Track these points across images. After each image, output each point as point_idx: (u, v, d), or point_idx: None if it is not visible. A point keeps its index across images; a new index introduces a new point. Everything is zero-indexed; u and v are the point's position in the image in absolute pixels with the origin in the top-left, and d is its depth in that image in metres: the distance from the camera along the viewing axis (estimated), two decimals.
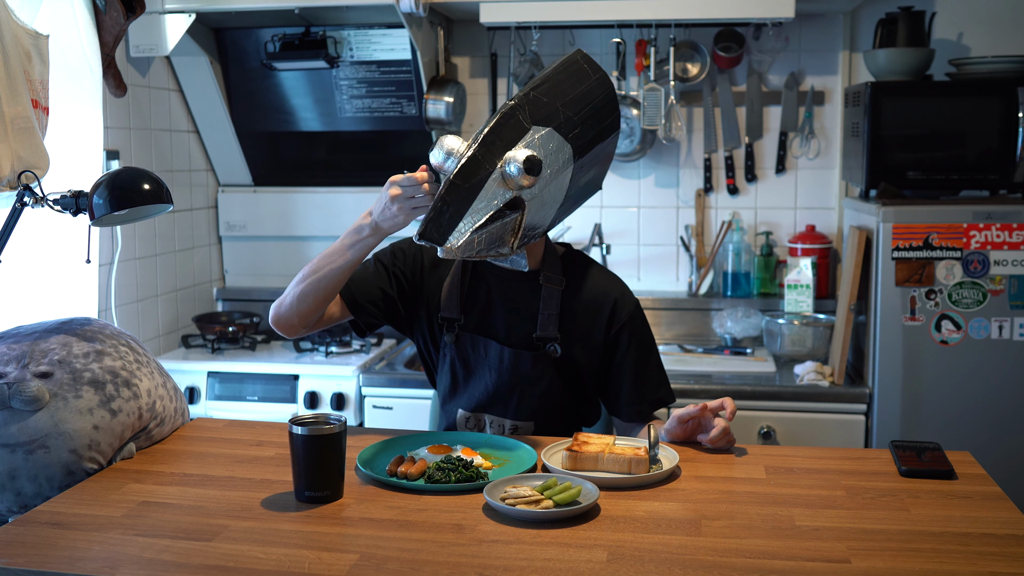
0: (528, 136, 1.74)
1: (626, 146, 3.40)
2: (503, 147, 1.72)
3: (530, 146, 1.74)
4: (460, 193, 1.68)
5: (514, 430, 2.03)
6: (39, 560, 1.37)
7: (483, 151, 1.70)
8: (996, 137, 2.80)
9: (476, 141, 1.70)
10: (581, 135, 1.83)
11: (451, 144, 1.75)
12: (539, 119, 1.76)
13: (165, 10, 3.03)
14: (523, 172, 1.70)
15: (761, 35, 3.28)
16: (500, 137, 1.72)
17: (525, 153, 1.70)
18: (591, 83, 1.87)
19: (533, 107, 1.76)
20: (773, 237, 3.40)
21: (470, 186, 1.68)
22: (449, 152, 1.75)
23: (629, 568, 1.33)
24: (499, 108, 1.76)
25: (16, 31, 2.05)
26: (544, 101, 1.78)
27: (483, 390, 2.03)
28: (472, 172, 1.68)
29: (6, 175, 1.94)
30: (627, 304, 2.04)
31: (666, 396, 2.07)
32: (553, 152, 1.78)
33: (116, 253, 2.97)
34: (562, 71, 1.84)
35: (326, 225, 3.58)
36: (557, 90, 1.81)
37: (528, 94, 1.76)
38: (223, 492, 1.63)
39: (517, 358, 2.00)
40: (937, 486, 1.65)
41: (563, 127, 1.79)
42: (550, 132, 1.77)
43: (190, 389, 3.11)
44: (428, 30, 3.24)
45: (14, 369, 1.73)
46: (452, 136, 1.76)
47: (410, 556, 1.36)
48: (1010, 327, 2.72)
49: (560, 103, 1.80)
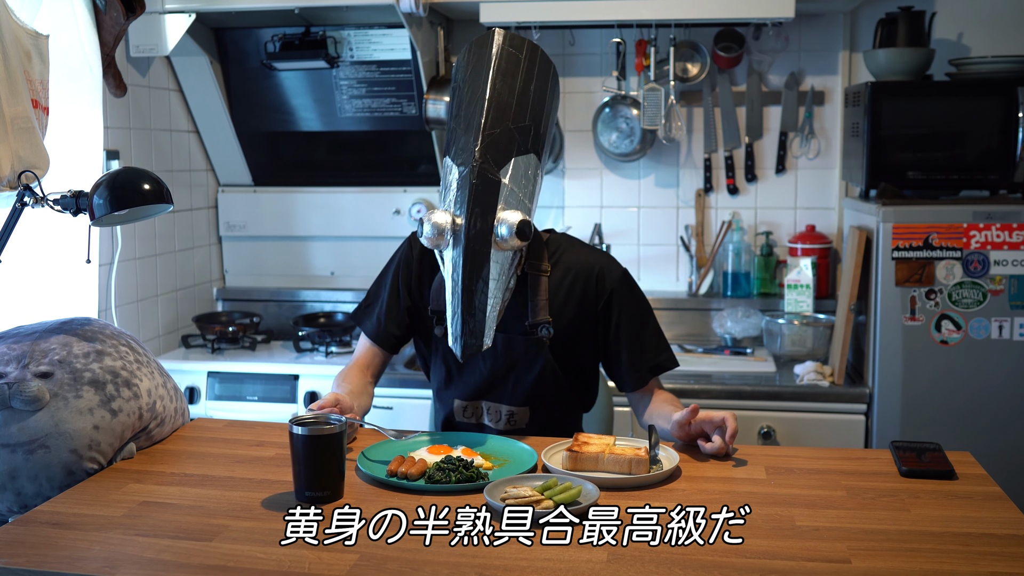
0: (502, 188, 1.82)
1: (626, 146, 3.40)
2: (491, 213, 1.80)
3: (506, 199, 1.81)
4: (477, 295, 1.78)
5: (510, 416, 2.04)
6: (39, 560, 1.37)
7: (478, 237, 1.79)
8: (996, 137, 2.80)
9: (467, 226, 1.78)
10: (536, 131, 1.91)
11: (439, 220, 1.80)
12: (501, 158, 1.83)
13: (165, 10, 3.03)
14: (515, 238, 1.79)
15: (761, 35, 3.28)
16: (483, 207, 1.79)
17: (516, 219, 1.79)
18: (524, 64, 1.92)
19: (494, 153, 1.83)
20: (773, 237, 3.40)
21: (483, 279, 1.79)
22: (440, 230, 1.80)
23: (629, 568, 1.33)
24: (466, 159, 1.82)
25: (16, 31, 2.05)
26: (496, 134, 1.84)
27: (478, 377, 2.05)
28: (478, 266, 1.79)
29: (6, 175, 1.94)
30: (613, 272, 2.05)
31: (666, 362, 2.06)
32: (523, 173, 1.86)
33: (116, 253, 2.97)
34: (498, 72, 1.88)
35: (326, 225, 3.58)
36: (501, 109, 1.86)
37: (484, 137, 1.82)
38: (223, 492, 1.63)
39: (510, 343, 2.01)
40: (937, 486, 1.65)
41: (520, 145, 1.86)
42: (515, 162, 1.85)
43: (190, 389, 3.11)
44: (428, 30, 3.24)
45: (14, 369, 1.73)
46: (437, 212, 1.81)
47: (410, 556, 1.36)
48: (1010, 327, 2.72)
49: (509, 121, 1.86)
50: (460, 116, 1.89)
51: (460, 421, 2.10)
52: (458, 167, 1.84)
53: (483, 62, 1.91)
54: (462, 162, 1.83)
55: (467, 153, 1.82)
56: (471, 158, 1.81)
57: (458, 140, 1.87)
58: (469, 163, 1.81)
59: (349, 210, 3.56)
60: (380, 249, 3.49)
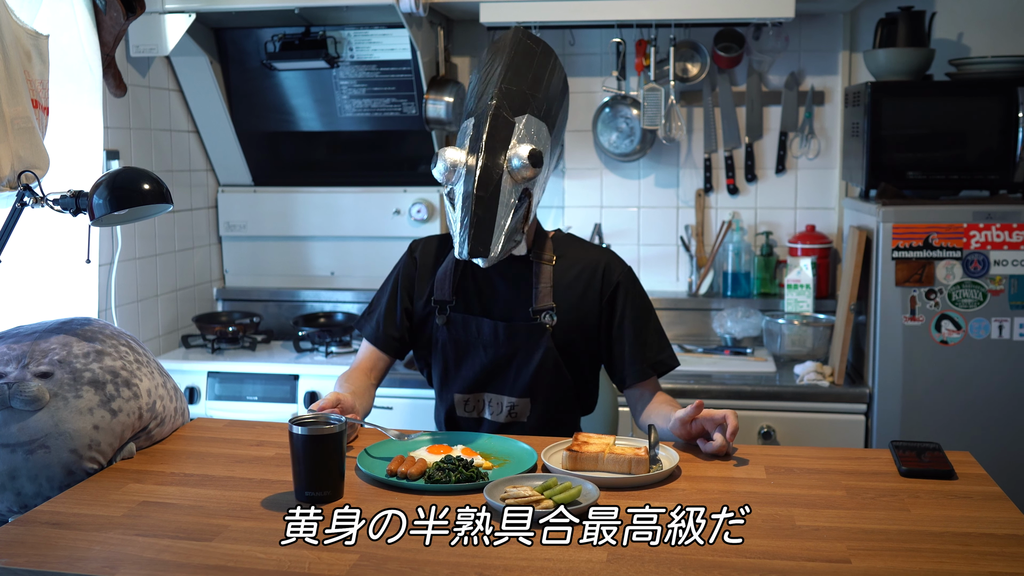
0: (516, 129, 1.86)
1: (626, 146, 3.40)
2: (502, 147, 1.83)
3: (519, 138, 1.85)
4: (486, 203, 1.79)
5: (512, 407, 2.05)
6: (39, 560, 1.37)
7: (490, 157, 1.81)
8: (996, 137, 2.80)
9: (479, 149, 1.82)
10: (549, 110, 1.95)
11: (452, 156, 1.85)
12: (516, 109, 1.89)
13: (165, 10, 3.03)
14: (527, 165, 1.82)
15: (761, 35, 3.28)
16: (496, 139, 1.83)
17: (527, 148, 1.83)
18: (538, 57, 1.98)
19: (510, 100, 1.88)
20: (773, 237, 3.40)
21: (491, 194, 1.80)
22: (453, 164, 1.84)
23: (629, 568, 1.33)
24: (481, 109, 1.87)
25: (16, 31, 2.05)
26: (514, 90, 1.90)
27: (479, 368, 2.07)
28: (488, 180, 1.81)
29: (6, 175, 1.94)
30: (618, 267, 2.10)
31: (668, 359, 2.09)
32: (536, 134, 1.89)
33: (116, 253, 2.97)
34: (515, 55, 1.95)
35: (326, 225, 3.58)
36: (519, 75, 1.93)
37: (502, 88, 1.88)
38: (223, 492, 1.63)
39: (511, 330, 2.04)
40: (937, 486, 1.65)
41: (535, 109, 1.91)
42: (529, 118, 1.89)
43: (190, 389, 3.11)
44: (428, 30, 3.24)
45: (14, 369, 1.73)
46: (450, 149, 1.86)
47: (410, 556, 1.36)
48: (1010, 327, 2.72)
49: (526, 87, 1.92)
50: (478, 87, 1.94)
51: (461, 415, 2.10)
52: (475, 116, 1.88)
53: (501, 49, 1.97)
54: (479, 111, 1.87)
55: (483, 102, 1.87)
56: (487, 104, 1.85)
57: (472, 102, 1.93)
58: (486, 106, 1.85)
59: (349, 210, 3.55)
60: (380, 249, 3.49)
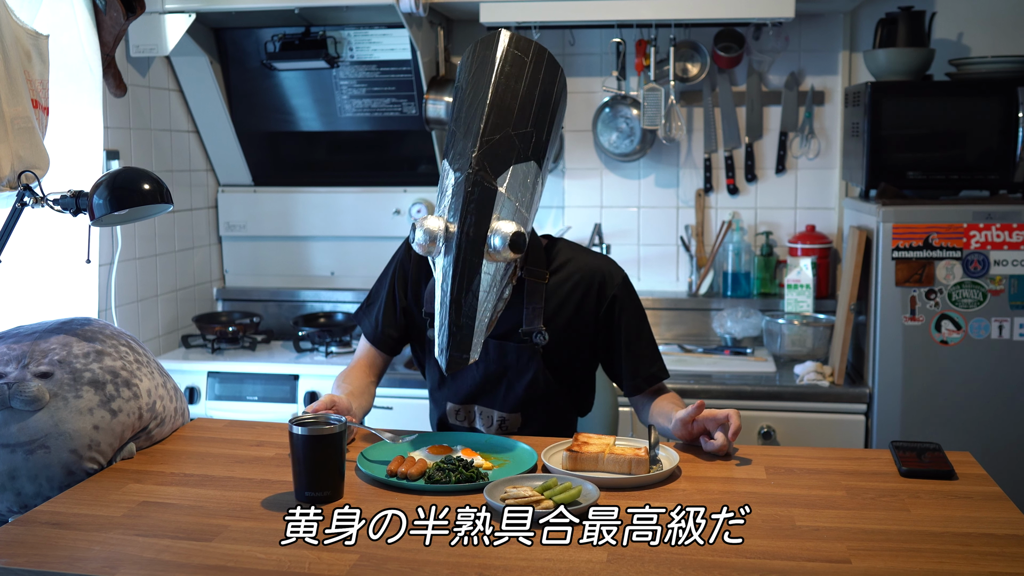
0: (498, 198, 1.75)
1: (626, 146, 3.40)
2: (484, 223, 1.74)
3: (502, 209, 1.75)
4: (465, 308, 1.73)
5: (502, 421, 2.04)
6: (39, 560, 1.37)
7: (470, 247, 1.72)
8: (996, 137, 2.80)
9: (459, 235, 1.72)
10: (538, 137, 1.83)
11: (432, 226, 1.74)
12: (499, 166, 1.76)
13: (165, 10, 3.03)
14: (508, 250, 1.73)
15: (761, 35, 3.28)
16: (477, 216, 1.73)
17: (510, 230, 1.72)
18: (529, 68, 1.85)
19: (491, 160, 1.76)
20: (773, 237, 3.40)
21: (471, 294, 1.73)
22: (433, 236, 1.74)
23: (629, 568, 1.33)
24: (458, 179, 1.76)
25: (16, 31, 2.05)
26: (495, 140, 1.77)
27: (471, 382, 2.05)
28: (468, 277, 1.73)
29: (6, 175, 1.94)
30: (615, 278, 2.05)
31: (659, 372, 2.08)
32: (522, 182, 1.79)
33: (116, 253, 2.97)
34: (500, 78, 1.81)
35: (326, 225, 3.58)
36: (502, 114, 1.79)
37: (482, 150, 1.75)
38: (223, 492, 1.63)
39: (502, 349, 2.01)
40: (937, 486, 1.65)
41: (520, 152, 1.79)
42: (513, 171, 1.78)
43: (190, 389, 3.11)
44: (428, 30, 3.24)
45: (14, 369, 1.73)
46: (430, 218, 1.75)
47: (410, 556, 1.36)
48: (1010, 327, 2.72)
49: (510, 127, 1.79)
50: (460, 119, 1.83)
51: (453, 423, 2.10)
52: (454, 172, 1.78)
53: (487, 64, 1.84)
54: (459, 168, 1.77)
55: (464, 159, 1.76)
56: (468, 164, 1.74)
57: (456, 144, 1.81)
58: (465, 170, 1.74)
59: (349, 210, 3.55)
60: (380, 249, 3.49)
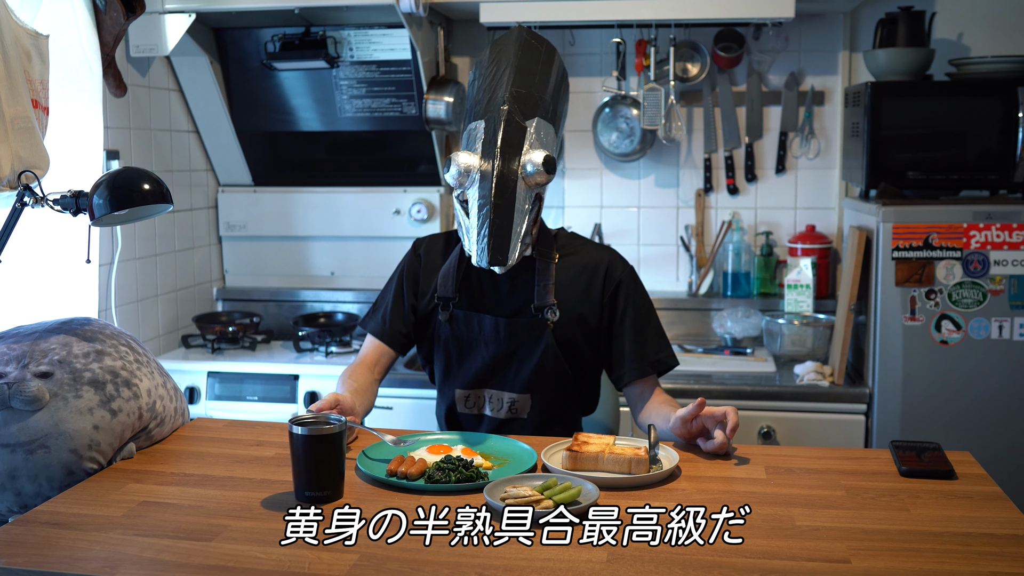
0: (527, 133, 1.89)
1: (626, 146, 3.40)
2: (516, 152, 1.87)
3: (532, 143, 1.89)
4: (504, 211, 1.84)
5: (512, 403, 2.06)
6: (39, 560, 1.37)
7: (505, 163, 1.86)
8: (996, 137, 2.80)
9: (494, 155, 1.85)
10: (554, 111, 2.00)
11: (465, 161, 1.87)
12: (527, 113, 1.92)
13: (165, 10, 3.03)
14: (541, 171, 1.86)
15: (761, 35, 3.28)
16: (510, 144, 1.88)
17: (541, 154, 1.87)
18: (543, 56, 2.02)
19: (520, 103, 1.92)
20: (773, 237, 3.40)
21: (507, 201, 1.84)
22: (467, 169, 1.87)
23: (629, 568, 1.33)
24: (492, 112, 1.90)
25: (16, 31, 2.05)
26: (524, 93, 1.93)
27: (480, 364, 2.09)
28: (505, 186, 1.85)
29: (6, 175, 1.94)
30: (620, 265, 2.13)
31: (668, 359, 2.10)
32: (546, 136, 1.93)
33: (116, 253, 2.97)
34: (522, 55, 1.98)
35: (326, 225, 3.58)
36: (527, 77, 1.96)
37: (512, 92, 1.92)
38: (223, 492, 1.63)
39: (513, 327, 2.06)
40: (937, 486, 1.65)
41: (543, 111, 1.95)
42: (539, 121, 1.92)
43: (190, 389, 3.11)
44: (428, 30, 3.24)
45: (14, 369, 1.73)
46: (463, 153, 1.88)
47: (410, 556, 1.36)
48: (1010, 327, 2.72)
49: (533, 88, 1.95)
50: (484, 88, 1.97)
51: (462, 412, 2.11)
52: (483, 120, 1.91)
53: (506, 49, 2.00)
54: (488, 113, 1.91)
55: (494, 105, 1.90)
56: (499, 108, 1.89)
57: (481, 104, 1.95)
58: (497, 110, 1.89)
59: (349, 210, 3.55)
60: (380, 249, 3.49)
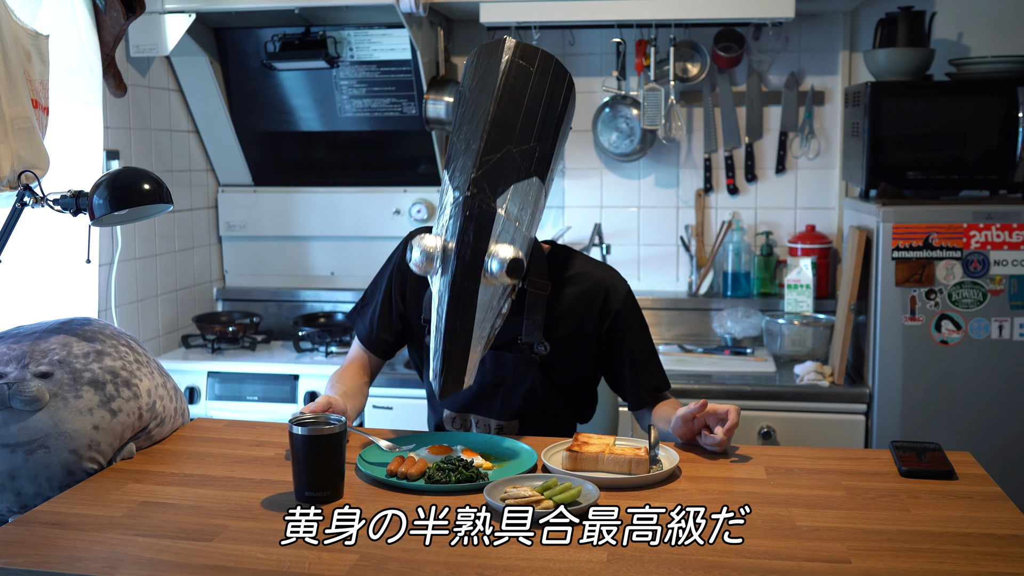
0: (497, 219, 1.73)
1: (626, 146, 3.40)
2: (481, 248, 1.71)
3: (500, 232, 1.73)
4: (459, 338, 1.71)
5: (499, 429, 2.02)
6: (39, 560, 1.37)
7: (466, 273, 1.70)
8: (996, 137, 2.80)
9: (455, 260, 1.70)
10: (541, 152, 1.81)
11: (429, 245, 1.72)
12: (499, 186, 1.73)
13: (165, 10, 3.03)
14: (504, 274, 1.70)
15: (761, 35, 3.28)
16: (475, 239, 1.71)
17: (508, 255, 1.70)
18: (534, 79, 1.80)
19: (490, 180, 1.72)
20: (773, 237, 3.40)
21: (464, 322, 1.71)
22: (430, 256, 1.72)
23: (629, 568, 1.33)
24: (456, 200, 1.73)
25: (16, 31, 2.05)
26: (496, 159, 1.74)
27: (467, 392, 1.99)
28: (464, 305, 1.70)
29: (6, 175, 1.94)
30: (619, 292, 2.02)
31: (662, 384, 2.07)
32: (523, 199, 1.77)
33: (116, 253, 2.97)
34: (504, 92, 1.77)
35: (326, 225, 3.58)
36: (504, 130, 1.75)
37: (480, 170, 1.72)
38: (223, 492, 1.63)
39: (499, 359, 1.98)
40: (937, 486, 1.65)
41: (522, 169, 1.76)
42: (513, 189, 1.75)
43: (190, 389, 3.11)
44: (428, 30, 3.24)
45: (14, 369, 1.73)
46: (428, 236, 1.73)
47: (410, 556, 1.36)
48: (1010, 327, 2.72)
49: (511, 143, 1.75)
50: (461, 132, 1.80)
51: (450, 431, 2.09)
52: (454, 191, 1.75)
53: (489, 75, 1.80)
54: (458, 186, 1.74)
55: (464, 178, 1.73)
56: (466, 185, 1.71)
57: (457, 158, 1.78)
58: (464, 190, 1.71)
59: (349, 210, 3.55)
60: (380, 249, 3.49)
